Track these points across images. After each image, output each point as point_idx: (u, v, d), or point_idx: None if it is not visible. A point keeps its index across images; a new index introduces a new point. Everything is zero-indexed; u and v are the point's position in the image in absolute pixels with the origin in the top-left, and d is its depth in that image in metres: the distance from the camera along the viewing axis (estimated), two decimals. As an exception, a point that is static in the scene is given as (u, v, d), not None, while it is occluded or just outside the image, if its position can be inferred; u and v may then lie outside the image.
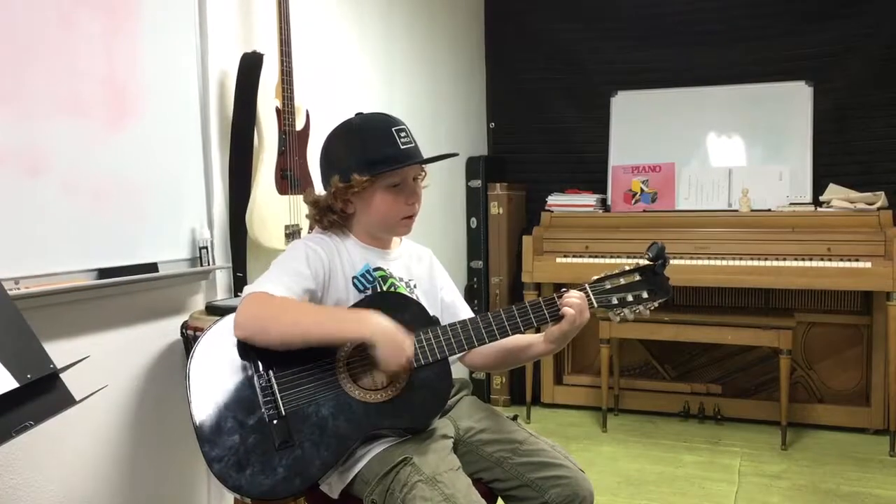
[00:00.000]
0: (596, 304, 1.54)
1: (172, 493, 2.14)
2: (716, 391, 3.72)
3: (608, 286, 1.54)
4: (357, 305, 1.51)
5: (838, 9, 3.68)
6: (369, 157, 1.52)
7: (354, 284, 1.55)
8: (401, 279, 1.62)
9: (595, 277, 1.56)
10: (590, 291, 1.54)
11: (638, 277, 1.54)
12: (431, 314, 1.56)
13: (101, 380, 1.59)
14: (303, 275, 1.48)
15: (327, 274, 1.52)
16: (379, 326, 1.40)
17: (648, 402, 3.81)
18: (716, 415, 3.60)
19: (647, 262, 1.55)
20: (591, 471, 1.60)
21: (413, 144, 1.56)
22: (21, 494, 1.69)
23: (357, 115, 1.62)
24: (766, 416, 3.57)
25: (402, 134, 1.54)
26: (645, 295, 1.54)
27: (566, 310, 1.50)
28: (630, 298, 1.53)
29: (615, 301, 1.54)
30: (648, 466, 3.14)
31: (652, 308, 1.55)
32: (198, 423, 1.38)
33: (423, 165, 1.60)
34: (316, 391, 1.43)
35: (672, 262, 1.61)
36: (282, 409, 1.40)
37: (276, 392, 1.41)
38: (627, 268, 1.55)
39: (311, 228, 1.66)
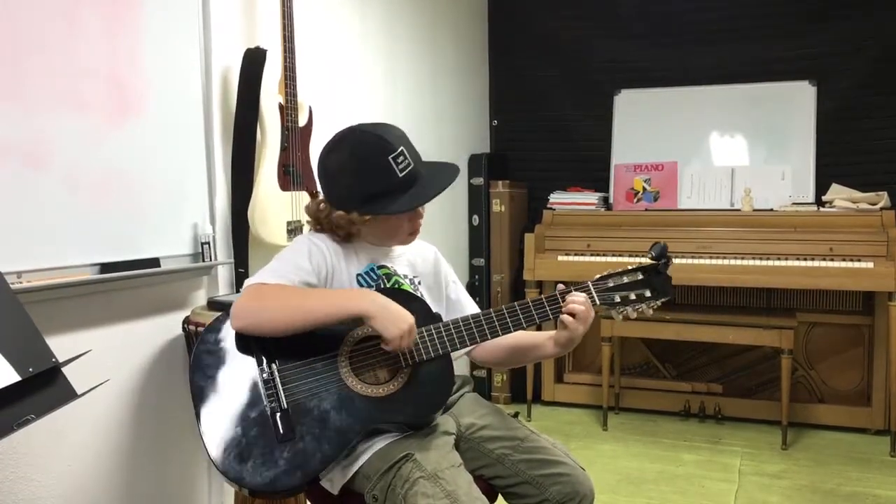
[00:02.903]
0: (599, 302, 1.54)
1: (173, 487, 2.14)
2: (716, 390, 3.72)
3: (611, 284, 1.54)
4: None
5: (842, 9, 3.67)
6: (368, 193, 1.48)
7: (358, 282, 1.55)
8: (405, 276, 1.62)
9: (598, 276, 1.56)
10: (593, 289, 1.54)
11: (640, 276, 1.54)
12: (434, 311, 1.56)
13: (102, 374, 1.59)
14: (303, 268, 1.48)
15: (330, 271, 1.52)
16: (374, 299, 1.40)
17: (649, 401, 3.80)
18: (716, 414, 3.60)
19: (649, 261, 1.55)
20: (591, 469, 1.61)
21: (412, 166, 1.49)
22: (22, 488, 1.69)
23: (352, 131, 1.52)
24: (767, 416, 3.57)
25: (400, 159, 1.47)
26: (647, 294, 1.54)
27: (565, 317, 1.50)
28: (633, 297, 1.53)
29: (618, 299, 1.54)
30: (648, 465, 3.14)
31: (654, 307, 1.56)
32: (201, 415, 1.38)
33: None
34: (318, 385, 1.43)
35: (674, 261, 1.61)
36: (283, 401, 1.40)
37: (279, 385, 1.41)
38: (630, 266, 1.55)
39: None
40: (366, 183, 1.48)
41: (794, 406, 3.48)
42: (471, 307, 1.71)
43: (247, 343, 1.44)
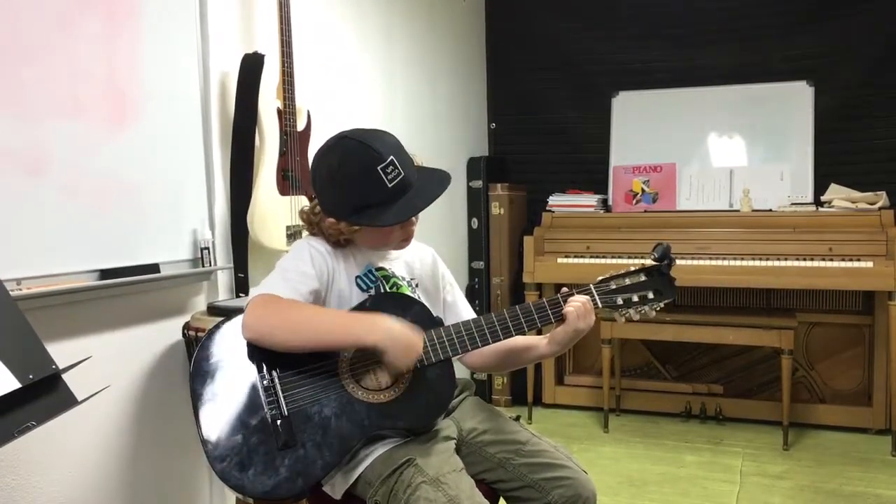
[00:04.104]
0: (601, 305, 1.53)
1: (174, 494, 2.14)
2: (717, 391, 3.72)
3: (613, 286, 1.53)
4: (360, 307, 1.50)
5: (839, 9, 3.68)
6: (357, 204, 1.46)
7: (357, 284, 1.55)
8: (403, 278, 1.62)
9: (600, 278, 1.55)
10: (594, 292, 1.53)
11: (643, 278, 1.53)
12: (434, 314, 1.56)
13: (102, 380, 1.59)
14: (308, 275, 1.48)
15: (331, 273, 1.52)
16: (388, 331, 1.39)
17: (650, 403, 3.80)
18: (717, 415, 3.60)
19: (652, 262, 1.54)
20: (592, 471, 1.60)
21: (402, 175, 1.45)
22: (23, 495, 1.69)
23: (341, 139, 1.48)
24: (768, 417, 3.57)
25: (389, 169, 1.43)
26: (650, 296, 1.52)
27: (567, 309, 1.49)
28: (635, 299, 1.52)
29: (620, 301, 1.52)
30: (650, 467, 3.13)
31: (657, 309, 1.54)
32: (201, 422, 1.38)
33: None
34: (319, 391, 1.43)
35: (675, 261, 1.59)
36: (284, 409, 1.40)
37: (279, 392, 1.41)
38: (633, 268, 1.54)
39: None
40: (354, 194, 1.46)
41: (795, 406, 3.48)
42: (466, 310, 1.71)
43: (249, 350, 1.43)
